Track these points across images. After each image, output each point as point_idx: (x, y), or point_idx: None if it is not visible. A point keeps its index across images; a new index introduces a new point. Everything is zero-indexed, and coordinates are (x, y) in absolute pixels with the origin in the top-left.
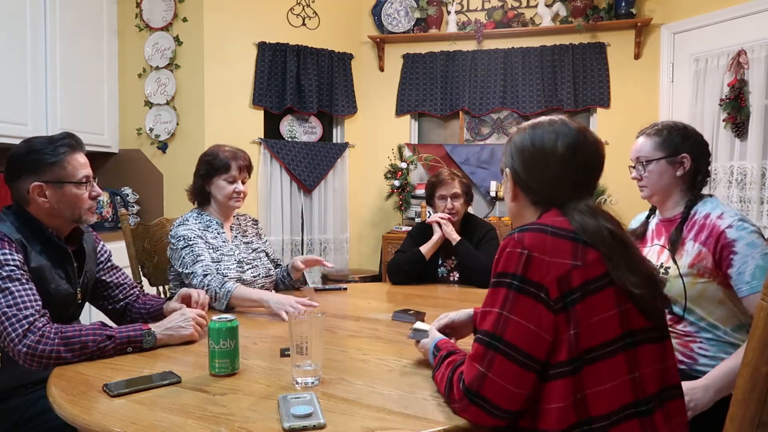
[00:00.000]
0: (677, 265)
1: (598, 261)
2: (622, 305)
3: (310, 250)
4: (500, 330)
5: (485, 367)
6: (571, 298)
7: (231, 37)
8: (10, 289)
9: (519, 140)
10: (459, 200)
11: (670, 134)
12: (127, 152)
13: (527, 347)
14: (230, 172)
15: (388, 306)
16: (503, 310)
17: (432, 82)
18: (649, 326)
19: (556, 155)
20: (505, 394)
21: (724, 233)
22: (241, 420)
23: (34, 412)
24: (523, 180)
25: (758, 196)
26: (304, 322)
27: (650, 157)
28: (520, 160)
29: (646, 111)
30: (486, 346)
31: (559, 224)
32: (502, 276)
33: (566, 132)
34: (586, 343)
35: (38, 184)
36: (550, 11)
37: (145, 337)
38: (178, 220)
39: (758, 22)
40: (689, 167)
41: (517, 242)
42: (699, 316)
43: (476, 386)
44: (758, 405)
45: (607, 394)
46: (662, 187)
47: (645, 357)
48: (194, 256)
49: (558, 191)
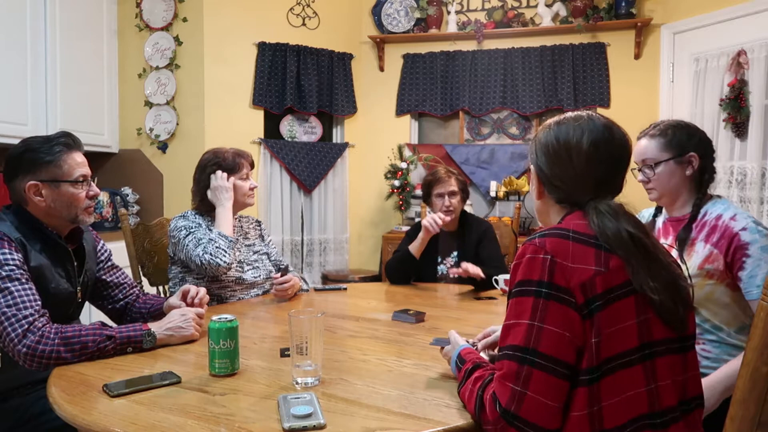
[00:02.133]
0: (686, 266)
1: (621, 268)
2: (642, 315)
3: (311, 250)
4: (534, 342)
5: (521, 385)
6: (595, 305)
7: (231, 37)
8: (10, 289)
9: (543, 137)
10: (456, 197)
11: (675, 133)
12: (127, 152)
13: (564, 356)
14: (243, 170)
15: (388, 306)
16: (534, 321)
17: (432, 82)
18: (671, 337)
19: (580, 151)
20: (545, 411)
21: (738, 235)
22: (241, 420)
23: (34, 412)
24: (547, 177)
25: (758, 196)
26: (304, 322)
27: (658, 159)
28: (545, 157)
29: (646, 111)
30: (519, 362)
31: (581, 228)
32: (526, 284)
33: (592, 128)
34: (606, 352)
35: (34, 183)
36: (550, 11)
37: (145, 337)
38: (176, 216)
39: (758, 22)
40: (697, 166)
41: (539, 248)
42: (704, 318)
43: (514, 407)
44: (758, 405)
45: (622, 405)
46: (672, 189)
47: (664, 369)
48: (196, 240)
49: (582, 189)
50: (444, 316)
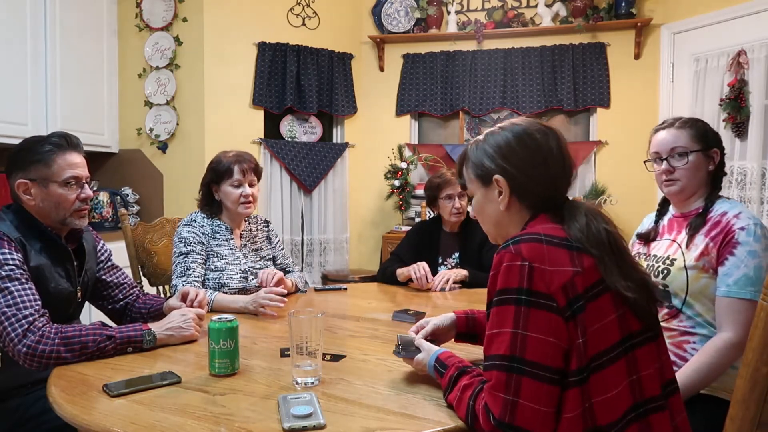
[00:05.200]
0: (684, 258)
1: (594, 267)
2: (620, 309)
3: (311, 250)
4: (519, 350)
5: (512, 394)
6: (578, 305)
7: (231, 37)
8: (10, 288)
9: (502, 141)
10: (464, 199)
11: (703, 127)
12: (127, 152)
13: (551, 361)
14: (234, 177)
15: (388, 306)
16: (517, 329)
17: (432, 82)
18: (644, 327)
19: (551, 151)
20: (539, 418)
21: (734, 233)
22: (241, 420)
23: (34, 412)
24: (522, 184)
25: (758, 196)
26: (304, 322)
27: (690, 149)
28: (516, 162)
29: (646, 111)
30: (507, 371)
31: (550, 231)
32: (506, 292)
33: (544, 129)
34: (592, 350)
35: (23, 181)
36: (550, 11)
37: (145, 337)
38: (186, 218)
39: (758, 22)
40: (718, 162)
41: (515, 254)
42: (697, 312)
43: (508, 418)
44: (758, 405)
45: (612, 401)
46: (696, 182)
47: (644, 358)
48: (184, 267)
49: (559, 189)
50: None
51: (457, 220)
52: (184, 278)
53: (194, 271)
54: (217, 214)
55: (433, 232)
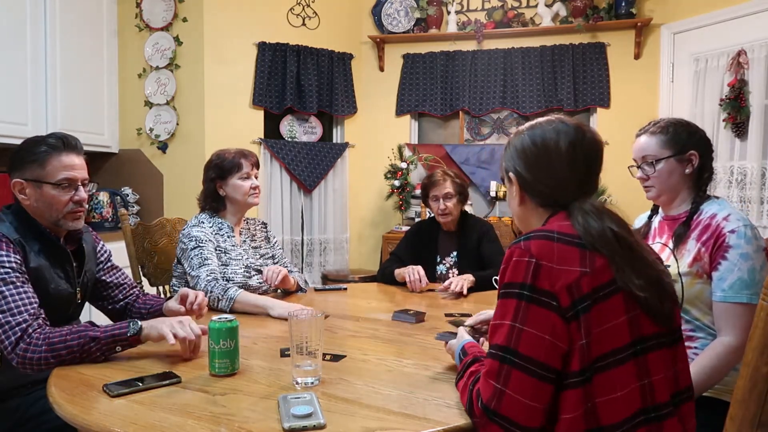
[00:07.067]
0: (677, 264)
1: (606, 267)
2: (631, 311)
3: (311, 250)
4: (514, 343)
5: (501, 383)
6: (582, 305)
7: (231, 37)
8: (4, 293)
9: (519, 142)
10: (452, 200)
11: (676, 131)
12: (127, 152)
13: (543, 358)
14: (243, 169)
15: (388, 306)
16: (515, 322)
17: (432, 82)
18: (661, 331)
19: (560, 154)
20: (524, 410)
21: (725, 236)
22: (241, 420)
23: (34, 412)
24: (529, 182)
25: (758, 196)
26: (304, 322)
27: (658, 156)
28: (524, 162)
29: (646, 111)
30: (500, 360)
31: (565, 229)
32: (511, 286)
33: (566, 130)
34: (596, 351)
35: (18, 181)
36: (550, 11)
37: (129, 327)
38: (192, 220)
39: (758, 22)
40: (697, 164)
41: (524, 251)
42: (694, 317)
43: (494, 405)
44: (758, 405)
45: (618, 402)
46: (671, 187)
47: (656, 363)
48: (202, 259)
49: (564, 191)
50: (444, 315)
51: (445, 221)
52: (205, 268)
53: (213, 261)
54: (219, 211)
55: (431, 231)
